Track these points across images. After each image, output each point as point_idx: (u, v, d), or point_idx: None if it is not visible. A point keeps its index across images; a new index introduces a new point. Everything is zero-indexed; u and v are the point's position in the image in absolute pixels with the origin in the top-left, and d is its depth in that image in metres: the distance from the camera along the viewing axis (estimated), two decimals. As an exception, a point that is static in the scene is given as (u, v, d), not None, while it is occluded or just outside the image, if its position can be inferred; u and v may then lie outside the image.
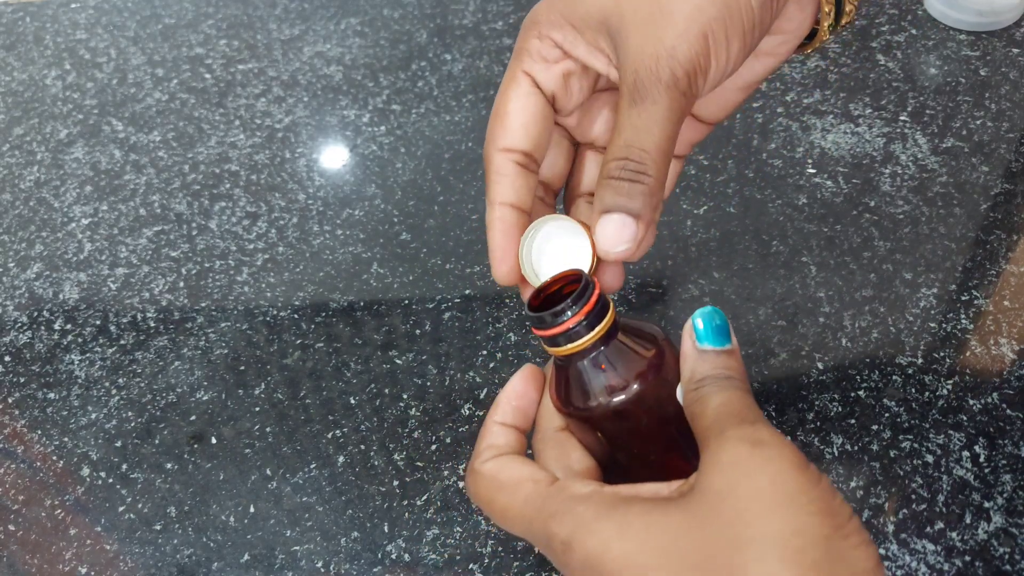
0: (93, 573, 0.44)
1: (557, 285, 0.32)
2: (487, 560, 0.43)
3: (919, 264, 0.52)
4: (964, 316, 0.49)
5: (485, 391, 0.49)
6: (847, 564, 0.23)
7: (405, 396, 0.49)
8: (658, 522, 0.25)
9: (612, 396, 0.30)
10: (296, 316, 0.54)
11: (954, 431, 0.45)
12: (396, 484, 0.46)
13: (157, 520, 0.46)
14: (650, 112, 0.29)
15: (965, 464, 0.44)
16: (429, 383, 0.50)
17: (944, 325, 0.49)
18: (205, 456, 0.48)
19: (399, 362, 0.51)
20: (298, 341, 0.53)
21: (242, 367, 0.52)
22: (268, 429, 0.49)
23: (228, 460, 0.48)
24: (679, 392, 0.30)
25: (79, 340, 0.54)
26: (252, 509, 0.46)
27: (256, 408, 0.50)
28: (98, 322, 0.55)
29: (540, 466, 0.30)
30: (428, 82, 0.68)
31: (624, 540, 0.25)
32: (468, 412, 0.48)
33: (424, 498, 0.45)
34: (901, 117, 0.61)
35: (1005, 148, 0.58)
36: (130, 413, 0.50)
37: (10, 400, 0.52)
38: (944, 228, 0.54)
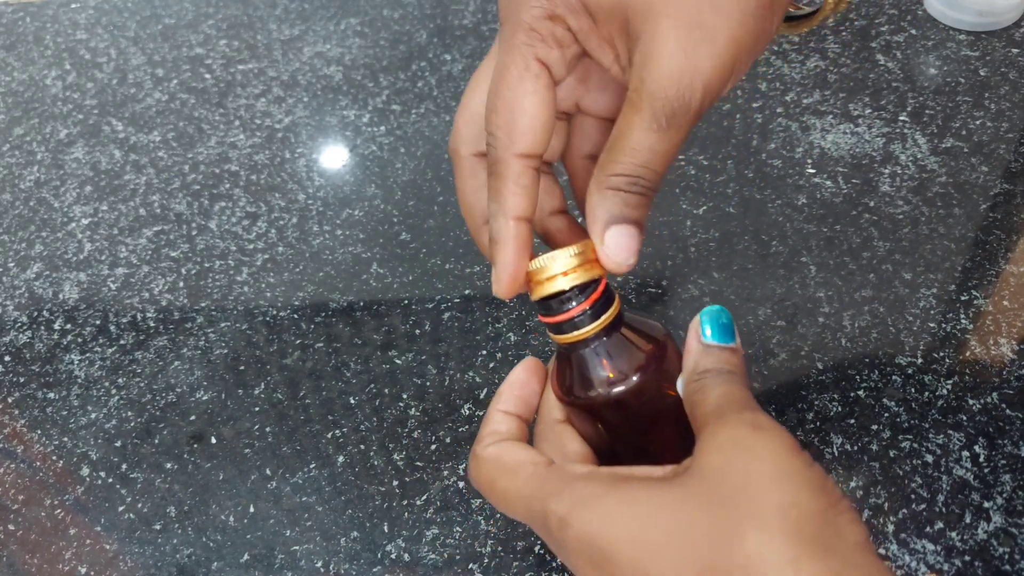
0: (93, 573, 0.44)
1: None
2: (487, 560, 0.43)
3: (919, 264, 0.52)
4: (964, 316, 0.49)
5: (485, 391, 0.49)
6: (841, 537, 0.24)
7: (405, 396, 0.49)
8: (655, 499, 0.25)
9: (613, 386, 0.30)
10: (296, 316, 0.54)
11: (954, 431, 0.45)
12: (396, 484, 0.46)
13: (157, 520, 0.46)
14: (671, 139, 0.28)
15: (965, 464, 0.44)
16: (429, 383, 0.50)
17: (944, 325, 0.49)
18: (205, 456, 0.48)
19: (399, 362, 0.51)
20: (298, 341, 0.53)
21: (242, 367, 0.52)
22: (268, 429, 0.49)
23: (228, 460, 0.48)
24: (679, 384, 0.30)
25: (79, 340, 0.54)
26: (252, 509, 0.46)
27: (256, 408, 0.50)
28: (98, 322, 0.55)
29: (540, 451, 0.31)
30: (428, 82, 0.68)
31: (622, 516, 0.25)
32: (468, 412, 0.48)
33: (424, 498, 0.45)
34: (901, 117, 0.61)
35: (1005, 148, 0.58)
36: (130, 413, 0.50)
37: (10, 400, 0.52)
38: (944, 228, 0.54)
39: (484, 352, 0.51)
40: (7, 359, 0.54)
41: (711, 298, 0.51)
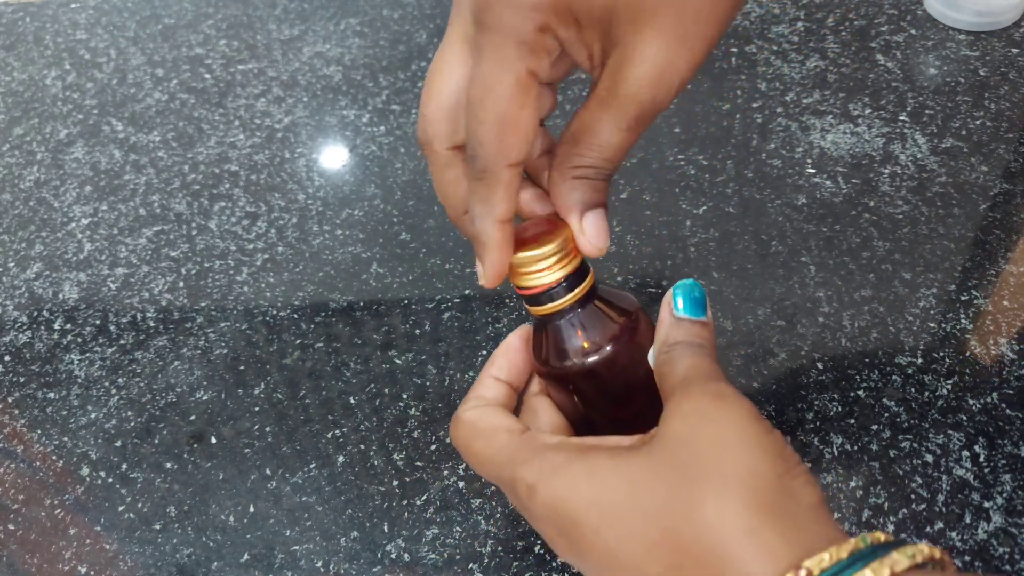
0: (93, 572, 0.44)
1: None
2: (487, 560, 0.43)
3: (918, 264, 0.52)
4: (964, 316, 0.49)
5: (485, 391, 0.49)
6: (796, 501, 0.24)
7: (405, 396, 0.49)
8: (621, 466, 0.26)
9: (587, 356, 0.31)
10: (296, 316, 0.54)
11: (954, 431, 0.45)
12: (396, 484, 0.46)
13: (157, 520, 0.46)
14: (636, 135, 0.29)
15: (965, 464, 0.44)
16: (429, 383, 0.50)
17: (944, 325, 0.49)
18: (205, 456, 0.48)
19: (399, 362, 0.51)
20: (298, 341, 0.53)
21: (242, 367, 0.52)
22: (268, 429, 0.49)
23: (228, 460, 0.48)
24: (651, 354, 0.31)
25: (79, 340, 0.54)
26: (252, 509, 0.46)
27: (256, 408, 0.50)
28: (98, 322, 0.55)
29: (518, 420, 0.32)
30: (428, 82, 0.68)
31: (587, 483, 0.26)
32: (468, 412, 0.48)
33: (424, 498, 0.45)
34: (900, 117, 0.61)
35: (1004, 148, 0.58)
36: (130, 413, 0.50)
37: (10, 400, 0.52)
38: (943, 228, 0.54)
39: (484, 352, 0.51)
40: (7, 359, 0.54)
41: (711, 298, 0.51)
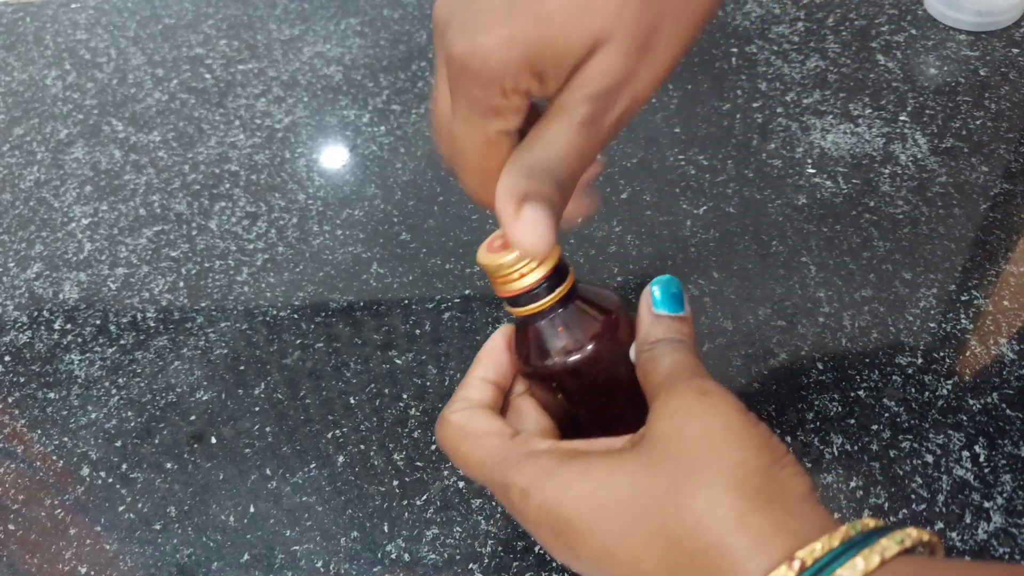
0: (93, 573, 0.44)
1: None
2: (487, 560, 0.43)
3: (919, 264, 0.52)
4: (964, 316, 0.49)
5: (485, 391, 0.49)
6: (785, 490, 0.25)
7: (405, 396, 0.49)
8: (613, 467, 0.27)
9: (569, 355, 0.32)
10: (296, 316, 0.54)
11: (954, 431, 0.45)
12: (396, 484, 0.46)
13: (157, 520, 0.46)
14: (592, 138, 0.28)
15: (965, 464, 0.44)
16: (429, 383, 0.50)
17: (944, 325, 0.49)
18: (205, 456, 0.48)
19: (399, 362, 0.51)
20: (298, 341, 0.53)
21: (242, 367, 0.52)
22: (268, 429, 0.49)
23: (228, 460, 0.48)
24: (632, 352, 0.31)
25: (79, 340, 0.54)
26: (252, 509, 0.46)
27: (256, 408, 0.50)
28: (98, 322, 0.55)
29: (506, 423, 0.32)
30: (428, 82, 0.68)
31: (579, 485, 0.27)
32: (468, 412, 0.48)
33: (424, 498, 0.45)
34: (901, 117, 0.61)
35: (1004, 148, 0.58)
36: (130, 413, 0.50)
37: (10, 400, 0.52)
38: (944, 228, 0.54)
39: (484, 352, 0.51)
40: (7, 359, 0.54)
41: (711, 298, 0.51)
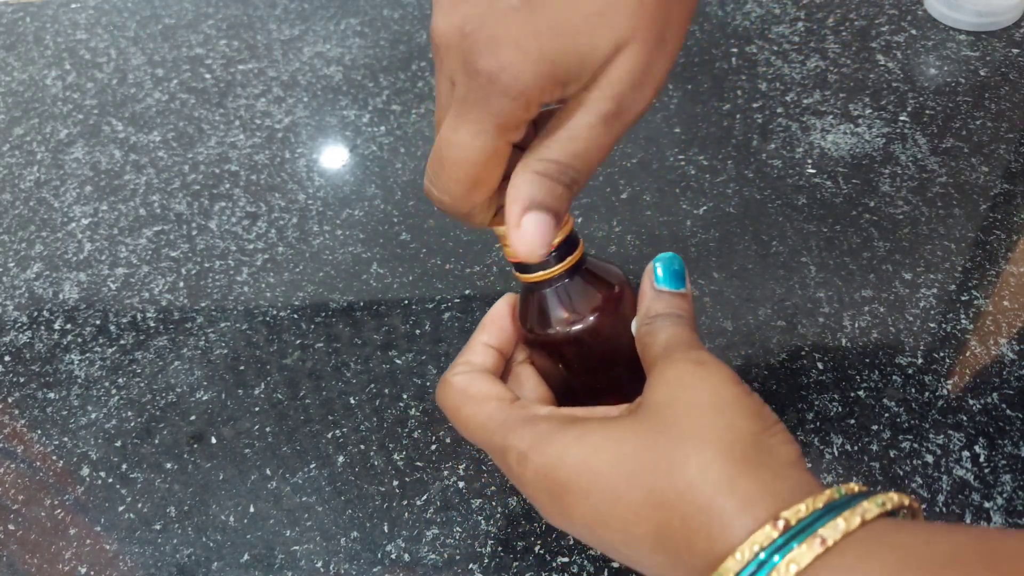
0: (93, 573, 0.44)
1: None
2: (487, 560, 0.43)
3: (919, 264, 0.52)
4: (964, 316, 0.49)
5: (485, 391, 0.49)
6: (774, 455, 0.26)
7: (405, 396, 0.49)
8: (609, 433, 0.27)
9: (571, 325, 0.32)
10: (296, 316, 0.54)
11: (954, 431, 0.45)
12: (396, 484, 0.46)
13: (157, 520, 0.46)
14: (612, 134, 0.28)
15: (965, 464, 0.44)
16: (429, 383, 0.50)
17: (944, 325, 0.49)
18: (205, 456, 0.48)
19: (399, 362, 0.51)
20: (298, 341, 0.53)
21: (242, 367, 0.52)
22: (268, 429, 0.49)
23: (228, 460, 0.48)
24: (634, 325, 0.32)
25: (79, 340, 0.54)
26: (252, 509, 0.46)
27: (256, 408, 0.50)
28: (98, 322, 0.55)
29: (507, 388, 0.33)
30: (428, 82, 0.68)
31: (576, 450, 0.27)
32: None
33: (424, 498, 0.45)
34: (901, 117, 0.61)
35: (1005, 148, 0.58)
36: (130, 413, 0.50)
37: (10, 400, 0.52)
38: (944, 228, 0.54)
39: (484, 352, 0.51)
40: (7, 359, 0.54)
41: (711, 298, 0.51)
